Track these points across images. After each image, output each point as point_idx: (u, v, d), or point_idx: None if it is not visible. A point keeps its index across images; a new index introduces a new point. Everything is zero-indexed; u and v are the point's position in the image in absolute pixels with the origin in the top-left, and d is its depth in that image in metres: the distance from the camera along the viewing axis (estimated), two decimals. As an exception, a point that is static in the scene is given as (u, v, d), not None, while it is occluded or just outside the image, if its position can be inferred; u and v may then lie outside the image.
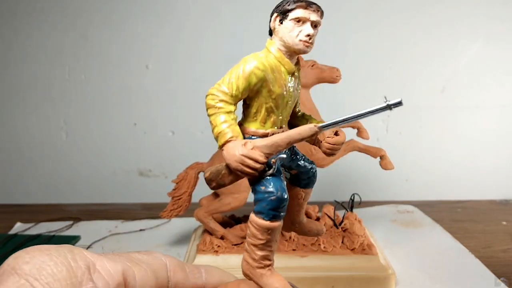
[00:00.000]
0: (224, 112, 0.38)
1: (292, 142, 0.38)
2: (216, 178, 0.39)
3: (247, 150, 0.36)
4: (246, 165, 0.36)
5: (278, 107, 0.40)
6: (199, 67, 1.08)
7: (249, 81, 0.38)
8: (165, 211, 0.75)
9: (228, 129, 0.37)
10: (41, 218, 0.97)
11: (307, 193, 0.45)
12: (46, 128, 1.11)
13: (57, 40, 1.07)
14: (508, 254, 0.78)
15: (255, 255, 0.36)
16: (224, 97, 0.38)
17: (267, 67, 0.39)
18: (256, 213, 0.36)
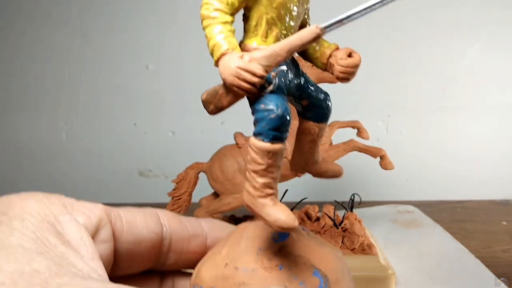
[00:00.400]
0: (220, 22, 0.34)
1: (292, 49, 0.33)
2: (214, 99, 0.35)
3: (244, 62, 0.32)
4: (243, 79, 0.31)
5: (281, 18, 0.36)
6: (199, 67, 1.08)
7: None
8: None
9: (224, 41, 0.33)
10: (41, 218, 0.97)
11: (320, 128, 0.40)
12: (46, 128, 1.11)
13: (57, 40, 1.07)
14: (509, 254, 0.78)
15: (255, 183, 0.33)
16: (219, 5, 0.34)
17: None
18: (255, 135, 0.32)
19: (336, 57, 0.37)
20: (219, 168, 0.70)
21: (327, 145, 0.69)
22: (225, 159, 0.70)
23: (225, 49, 0.33)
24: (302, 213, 0.75)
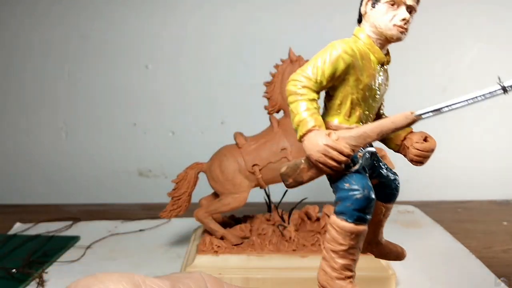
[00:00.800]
0: (307, 99, 0.34)
1: (383, 132, 0.33)
2: (294, 173, 0.35)
3: (332, 141, 0.32)
4: (330, 157, 0.31)
5: (365, 99, 0.36)
6: (199, 68, 1.08)
7: (336, 66, 0.34)
8: (165, 211, 0.75)
9: (310, 118, 0.33)
10: (41, 218, 0.97)
11: (387, 209, 0.40)
12: (46, 128, 1.11)
13: (57, 40, 1.07)
14: (509, 255, 0.78)
15: (334, 264, 0.32)
16: (307, 83, 0.34)
17: (355, 53, 0.35)
18: (338, 214, 0.32)
19: (412, 140, 0.37)
20: (219, 168, 0.70)
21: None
22: (225, 159, 0.70)
23: (311, 126, 0.33)
24: (303, 214, 0.75)
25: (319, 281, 0.33)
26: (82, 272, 0.71)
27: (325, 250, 0.32)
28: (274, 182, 0.72)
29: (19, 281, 0.67)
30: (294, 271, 0.65)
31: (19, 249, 0.79)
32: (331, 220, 0.32)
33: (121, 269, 0.72)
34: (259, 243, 0.69)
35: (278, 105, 0.71)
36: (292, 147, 0.69)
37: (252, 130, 0.74)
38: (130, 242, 0.85)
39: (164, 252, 0.80)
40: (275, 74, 0.71)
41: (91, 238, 0.85)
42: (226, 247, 0.69)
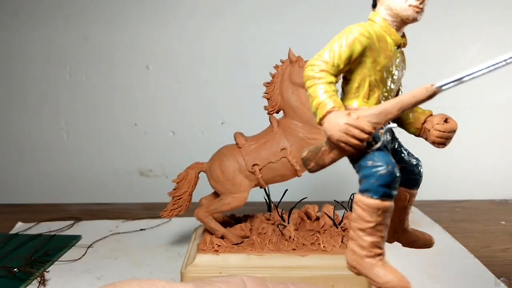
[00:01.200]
0: (325, 82, 0.34)
1: (404, 107, 0.33)
2: (315, 157, 0.34)
3: (353, 119, 0.31)
4: (352, 135, 0.31)
5: (383, 81, 0.36)
6: (199, 68, 1.08)
7: (352, 49, 0.34)
8: (166, 210, 0.75)
9: (329, 100, 0.33)
10: (42, 218, 0.97)
11: (412, 195, 0.40)
12: (47, 128, 1.12)
13: (58, 40, 1.08)
14: (508, 254, 0.79)
15: (363, 242, 0.31)
16: (324, 67, 0.34)
17: (372, 35, 0.35)
18: (362, 192, 0.32)
19: (432, 122, 0.38)
20: (219, 168, 0.70)
21: (327, 145, 0.70)
22: (225, 159, 0.71)
23: (331, 107, 0.33)
24: (302, 213, 0.75)
25: (348, 262, 0.32)
26: (83, 271, 0.72)
27: (352, 230, 0.32)
28: (274, 181, 0.72)
29: (20, 280, 0.67)
30: (293, 269, 0.65)
31: (20, 249, 0.79)
32: (356, 199, 0.32)
33: (122, 268, 0.73)
34: (259, 242, 0.69)
35: (278, 106, 0.71)
36: (292, 147, 0.69)
37: (252, 130, 0.74)
38: (131, 241, 0.85)
39: (164, 251, 0.80)
40: (275, 75, 0.72)
41: (92, 237, 0.86)
42: (226, 246, 0.69)
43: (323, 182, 1.11)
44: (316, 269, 0.65)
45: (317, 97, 0.33)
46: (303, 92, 0.70)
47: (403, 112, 0.33)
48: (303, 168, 0.71)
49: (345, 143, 0.31)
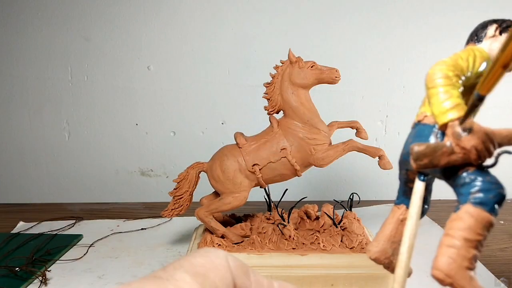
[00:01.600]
0: (458, 87, 0.34)
1: None
2: (433, 154, 0.33)
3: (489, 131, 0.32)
4: (487, 147, 0.32)
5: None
6: (200, 68, 1.08)
7: (480, 66, 0.35)
8: (166, 210, 0.75)
9: (464, 106, 0.33)
10: (44, 217, 0.98)
11: None
12: (49, 128, 1.12)
13: (60, 41, 1.08)
14: (506, 253, 0.79)
15: (467, 253, 0.30)
16: (460, 73, 0.34)
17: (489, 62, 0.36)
18: (477, 204, 0.31)
19: None
20: (220, 168, 0.71)
21: (326, 145, 0.70)
22: (225, 158, 0.71)
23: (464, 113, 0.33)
24: (302, 212, 0.76)
25: (443, 269, 0.30)
26: (84, 270, 0.72)
27: (455, 238, 0.31)
28: (274, 181, 0.72)
29: (22, 279, 0.67)
30: (293, 269, 0.66)
31: (22, 248, 0.80)
32: (468, 209, 0.31)
33: (123, 267, 0.73)
34: (259, 241, 0.70)
35: (278, 106, 0.71)
36: (292, 147, 0.69)
37: (252, 130, 0.75)
38: (132, 240, 0.85)
39: (165, 250, 0.81)
40: (275, 75, 0.72)
41: (93, 236, 0.86)
42: (226, 245, 0.70)
43: (323, 182, 1.11)
44: (316, 268, 0.66)
45: (453, 97, 0.33)
46: (303, 92, 0.70)
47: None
48: (303, 168, 0.71)
49: (478, 151, 0.32)
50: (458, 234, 0.31)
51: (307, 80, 0.70)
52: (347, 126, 0.74)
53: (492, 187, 0.32)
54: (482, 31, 0.41)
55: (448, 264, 0.30)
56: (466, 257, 0.30)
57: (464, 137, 0.32)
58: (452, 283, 0.30)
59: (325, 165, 0.71)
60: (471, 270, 0.30)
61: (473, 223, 0.31)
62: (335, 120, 0.74)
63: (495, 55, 0.36)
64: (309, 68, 0.70)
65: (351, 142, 0.71)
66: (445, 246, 0.31)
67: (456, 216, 0.32)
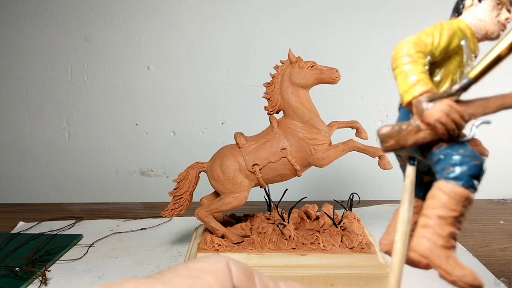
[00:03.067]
0: (423, 64, 0.33)
1: (505, 106, 0.33)
2: (398, 135, 0.33)
3: (454, 104, 0.31)
4: (452, 119, 0.30)
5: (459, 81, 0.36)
6: (200, 68, 1.09)
7: (451, 40, 0.35)
8: (166, 210, 0.76)
9: (428, 80, 0.32)
10: (44, 217, 0.98)
11: None
12: (48, 128, 1.12)
13: (60, 41, 1.08)
14: (506, 253, 0.79)
15: (442, 231, 0.29)
16: (423, 48, 0.34)
17: (467, 35, 0.36)
18: (449, 179, 0.30)
19: None
20: (220, 168, 0.71)
21: (326, 145, 0.70)
22: (225, 158, 0.71)
23: (430, 88, 0.32)
24: (302, 212, 0.76)
25: (419, 250, 0.29)
26: (84, 270, 0.72)
27: (429, 217, 0.30)
28: (274, 181, 0.73)
29: (22, 279, 0.67)
30: (293, 269, 0.66)
31: (22, 248, 0.80)
32: (440, 186, 0.30)
33: (123, 267, 0.73)
34: (259, 241, 0.70)
35: (278, 106, 0.71)
36: (292, 147, 0.69)
37: (252, 130, 0.75)
38: (132, 240, 0.85)
39: (165, 250, 0.81)
40: (275, 75, 0.72)
41: (93, 236, 0.86)
42: (226, 245, 0.70)
43: (323, 182, 1.11)
44: (316, 268, 0.66)
45: (416, 74, 0.33)
46: (303, 92, 0.71)
47: (501, 109, 0.33)
48: (303, 168, 0.71)
49: (443, 124, 0.31)
50: (432, 212, 0.30)
51: (307, 80, 0.70)
52: (347, 126, 0.74)
53: (465, 160, 0.30)
54: (461, 3, 0.40)
55: (422, 244, 0.29)
56: (440, 235, 0.29)
57: (426, 112, 0.31)
58: (428, 263, 0.29)
59: (325, 165, 0.71)
60: (449, 248, 0.29)
61: (446, 200, 0.30)
62: (335, 120, 0.74)
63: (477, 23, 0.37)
64: (309, 68, 0.70)
65: (351, 142, 0.71)
66: (420, 227, 0.30)
67: (430, 194, 0.31)
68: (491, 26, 0.36)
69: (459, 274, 0.28)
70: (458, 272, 0.28)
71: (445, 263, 0.28)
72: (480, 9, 0.37)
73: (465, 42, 0.35)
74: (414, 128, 0.32)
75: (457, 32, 0.35)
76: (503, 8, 0.37)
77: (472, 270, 0.28)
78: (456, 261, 0.29)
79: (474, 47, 0.37)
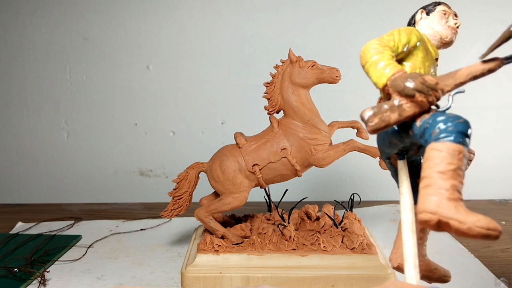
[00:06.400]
0: (389, 54, 0.37)
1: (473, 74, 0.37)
2: (381, 112, 0.34)
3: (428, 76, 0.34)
4: (428, 86, 0.33)
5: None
6: (199, 68, 1.08)
7: (410, 38, 0.39)
8: (166, 210, 0.75)
9: (397, 64, 0.36)
10: (42, 218, 0.97)
11: None
12: (47, 128, 1.12)
13: (59, 41, 1.08)
14: (507, 254, 0.79)
15: (444, 184, 0.29)
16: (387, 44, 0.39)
17: (422, 36, 0.41)
18: (439, 139, 0.31)
19: None
20: (220, 168, 0.70)
21: (327, 145, 0.70)
22: (225, 159, 0.71)
23: (400, 68, 0.35)
24: (302, 213, 0.75)
25: (426, 209, 0.29)
26: (83, 271, 0.72)
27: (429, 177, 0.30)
28: (274, 181, 0.72)
29: (21, 280, 0.67)
30: (294, 269, 0.65)
31: (21, 248, 0.79)
32: (432, 146, 0.31)
33: (123, 268, 0.73)
34: (260, 242, 0.69)
35: (278, 106, 0.71)
36: (292, 147, 0.69)
37: (252, 130, 0.74)
38: (131, 241, 0.85)
39: (165, 251, 0.80)
40: (275, 75, 0.72)
41: (92, 237, 0.86)
42: (226, 246, 0.69)
43: (323, 182, 1.11)
44: (316, 269, 0.65)
45: (385, 61, 0.36)
46: (304, 92, 0.70)
47: (472, 80, 0.36)
48: (303, 168, 0.71)
49: (422, 92, 0.32)
50: (430, 172, 0.30)
51: (308, 79, 0.69)
52: (347, 126, 0.74)
53: (449, 120, 0.32)
54: (412, 20, 0.47)
55: (429, 202, 0.29)
56: (444, 189, 0.29)
57: (403, 86, 0.33)
58: (439, 218, 0.28)
59: (326, 165, 0.70)
60: (455, 200, 0.29)
61: (441, 156, 0.30)
62: (336, 120, 0.74)
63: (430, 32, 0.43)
64: (310, 67, 0.70)
65: (351, 142, 0.71)
66: (422, 189, 0.30)
67: (424, 159, 0.31)
68: (443, 31, 0.42)
69: (473, 220, 0.27)
70: (471, 218, 0.27)
71: (455, 213, 0.28)
72: (429, 20, 0.43)
73: (421, 43, 0.40)
74: (395, 105, 0.33)
75: (414, 31, 0.40)
76: (449, 16, 0.43)
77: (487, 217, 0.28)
78: (466, 209, 0.28)
79: (433, 50, 0.42)
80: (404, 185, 0.35)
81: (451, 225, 0.28)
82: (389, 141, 0.38)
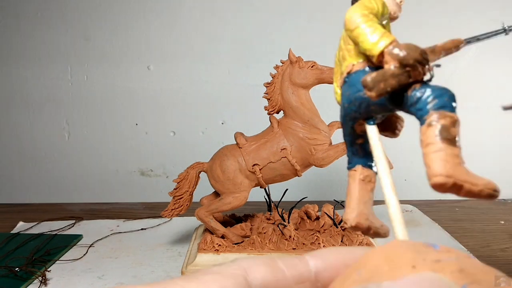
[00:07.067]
0: (377, 21, 0.37)
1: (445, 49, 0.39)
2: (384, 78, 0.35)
3: None
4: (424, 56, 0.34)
5: None
6: (200, 68, 1.08)
7: (383, 7, 0.39)
8: (166, 210, 0.75)
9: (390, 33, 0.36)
10: (43, 217, 0.98)
11: None
12: (48, 128, 1.12)
13: (60, 41, 1.08)
14: (507, 253, 0.79)
15: (454, 150, 0.30)
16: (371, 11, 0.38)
17: None
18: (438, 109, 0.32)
19: None
20: (220, 168, 0.71)
21: (327, 145, 0.70)
22: (225, 158, 0.71)
23: (394, 38, 0.36)
24: (302, 212, 0.76)
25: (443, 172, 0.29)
26: (84, 271, 0.72)
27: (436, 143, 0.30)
28: (274, 181, 0.72)
29: (22, 279, 0.67)
30: (293, 269, 0.66)
31: (22, 248, 0.80)
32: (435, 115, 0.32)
33: (123, 268, 0.73)
34: (260, 241, 0.70)
35: (278, 106, 0.71)
36: (292, 147, 0.69)
37: (252, 130, 0.75)
38: (132, 240, 0.85)
39: (165, 250, 0.80)
40: (275, 75, 0.72)
41: (93, 236, 0.86)
42: (227, 245, 0.70)
43: (323, 182, 1.11)
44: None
45: (378, 29, 0.36)
46: (303, 92, 0.70)
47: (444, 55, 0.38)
48: (303, 168, 0.71)
49: (419, 61, 0.33)
50: (437, 138, 0.31)
51: (308, 80, 0.70)
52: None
53: (443, 92, 0.33)
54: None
55: (444, 166, 0.30)
56: (454, 153, 0.30)
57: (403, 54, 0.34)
58: (455, 182, 0.29)
59: (326, 165, 0.71)
60: (463, 165, 0.30)
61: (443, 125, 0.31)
62: (336, 120, 0.74)
63: None
64: (310, 68, 0.70)
65: (351, 142, 0.71)
66: (432, 153, 0.30)
67: (425, 127, 0.32)
68: (393, 7, 0.42)
69: (484, 182, 0.29)
70: (482, 181, 0.29)
71: (469, 177, 0.29)
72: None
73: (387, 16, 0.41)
74: (395, 72, 0.34)
75: (384, 3, 0.40)
76: None
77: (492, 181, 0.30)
78: (475, 174, 0.30)
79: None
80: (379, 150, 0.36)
81: (464, 187, 0.29)
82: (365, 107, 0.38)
